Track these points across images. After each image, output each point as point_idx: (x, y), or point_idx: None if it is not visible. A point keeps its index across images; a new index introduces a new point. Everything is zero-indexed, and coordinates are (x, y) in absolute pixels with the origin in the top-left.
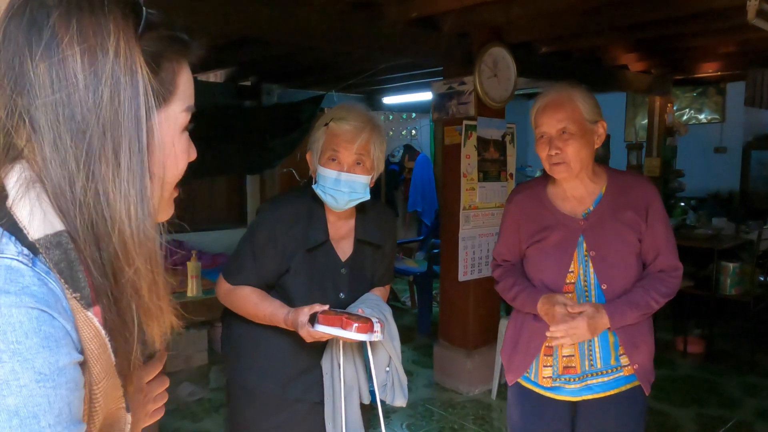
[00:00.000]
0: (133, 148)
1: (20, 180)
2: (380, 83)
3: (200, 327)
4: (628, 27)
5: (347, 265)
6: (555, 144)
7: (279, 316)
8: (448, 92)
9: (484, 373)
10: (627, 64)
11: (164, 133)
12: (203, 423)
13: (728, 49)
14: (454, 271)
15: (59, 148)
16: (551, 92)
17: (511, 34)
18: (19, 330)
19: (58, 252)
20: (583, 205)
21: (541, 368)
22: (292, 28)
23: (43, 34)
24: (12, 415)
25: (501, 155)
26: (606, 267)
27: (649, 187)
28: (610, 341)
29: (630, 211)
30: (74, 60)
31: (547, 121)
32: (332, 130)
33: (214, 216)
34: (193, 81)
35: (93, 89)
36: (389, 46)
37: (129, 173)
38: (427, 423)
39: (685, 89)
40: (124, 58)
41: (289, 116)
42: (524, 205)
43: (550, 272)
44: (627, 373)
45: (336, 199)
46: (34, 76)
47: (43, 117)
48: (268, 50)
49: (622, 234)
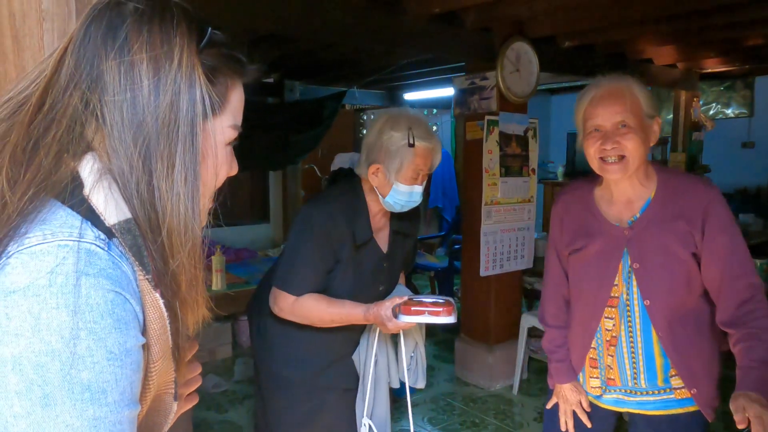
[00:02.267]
0: (187, 151)
1: (93, 170)
2: (401, 79)
3: (224, 320)
4: (653, 20)
5: (387, 258)
6: (612, 138)
7: (357, 315)
8: (470, 87)
9: (506, 368)
10: (652, 57)
11: (211, 143)
12: (228, 414)
13: (756, 42)
14: (476, 266)
15: (122, 142)
16: (605, 82)
17: (534, 29)
18: (96, 311)
19: (130, 237)
20: (630, 211)
21: (589, 378)
22: (315, 25)
23: (117, 37)
24: (85, 388)
25: (523, 150)
26: (650, 282)
27: (705, 191)
28: (657, 363)
29: (680, 220)
30: (141, 65)
31: (603, 113)
32: (420, 151)
33: (237, 211)
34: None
35: (155, 94)
36: (411, 41)
37: (181, 174)
38: (449, 417)
39: (712, 83)
40: (185, 69)
41: (311, 112)
42: (570, 205)
43: (593, 285)
44: (680, 396)
45: (404, 207)
46: (107, 75)
47: (111, 113)
48: (290, 47)
49: (669, 246)
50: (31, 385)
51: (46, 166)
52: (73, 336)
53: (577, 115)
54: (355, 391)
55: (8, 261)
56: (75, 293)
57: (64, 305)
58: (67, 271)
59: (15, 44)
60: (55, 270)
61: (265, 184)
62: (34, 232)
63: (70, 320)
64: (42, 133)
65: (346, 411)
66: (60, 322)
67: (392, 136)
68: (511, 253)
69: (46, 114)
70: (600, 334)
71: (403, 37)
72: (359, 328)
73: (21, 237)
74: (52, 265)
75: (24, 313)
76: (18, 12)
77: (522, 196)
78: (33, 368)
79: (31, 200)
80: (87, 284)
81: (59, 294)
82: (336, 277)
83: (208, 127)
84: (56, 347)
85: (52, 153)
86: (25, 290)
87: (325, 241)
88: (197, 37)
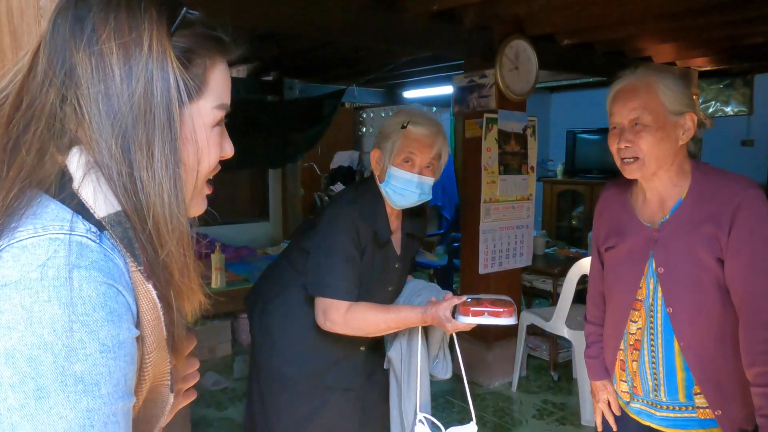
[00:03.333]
0: (165, 139)
1: (80, 163)
2: (401, 77)
3: (224, 318)
4: (652, 18)
5: (400, 259)
6: (626, 136)
7: (415, 318)
8: (469, 85)
9: (505, 366)
10: (651, 55)
11: (194, 126)
12: (228, 411)
13: (755, 40)
14: (475, 263)
15: (101, 134)
16: (628, 77)
17: (533, 27)
18: (88, 303)
19: (120, 229)
20: (662, 212)
21: (619, 381)
22: (315, 23)
23: (85, 28)
24: (78, 380)
25: (522, 148)
26: (674, 288)
27: (739, 191)
28: (678, 377)
29: (709, 223)
30: (111, 54)
31: (619, 110)
32: (410, 133)
33: (236, 209)
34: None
35: (128, 82)
36: (410, 39)
37: (161, 163)
38: (448, 414)
39: (711, 81)
40: (156, 54)
41: (310, 110)
42: (610, 202)
43: (621, 286)
44: (703, 416)
45: (405, 197)
46: (79, 67)
47: (86, 105)
48: (289, 45)
49: (695, 251)
50: (25, 378)
51: (29, 163)
52: (65, 329)
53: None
54: (355, 391)
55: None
56: (67, 286)
57: (56, 298)
58: (59, 264)
59: (13, 41)
60: (47, 263)
61: (265, 182)
62: (25, 226)
63: (63, 313)
64: (21, 130)
65: (346, 411)
66: (52, 315)
67: (391, 122)
68: (509, 250)
69: (24, 112)
70: (626, 337)
71: (403, 36)
72: None
73: (11, 231)
74: (43, 258)
75: (16, 306)
76: (16, 9)
77: (521, 193)
78: (26, 361)
79: (17, 197)
80: (79, 277)
81: (51, 287)
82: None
83: (186, 112)
84: (49, 340)
85: (33, 150)
86: (17, 284)
87: (356, 243)
88: (168, 20)
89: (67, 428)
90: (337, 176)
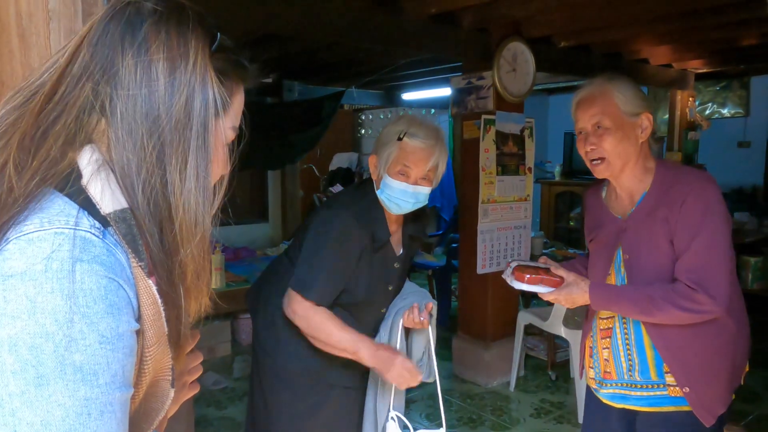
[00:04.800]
0: (199, 148)
1: (91, 160)
2: (399, 79)
3: (224, 319)
4: (649, 20)
5: (399, 260)
6: (590, 140)
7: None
8: (467, 87)
9: (503, 365)
10: (648, 57)
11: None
12: (228, 411)
13: (751, 42)
14: (473, 264)
15: (133, 135)
16: (586, 86)
17: (530, 29)
18: (89, 296)
19: (124, 225)
20: (631, 204)
21: (588, 369)
22: (314, 25)
23: (137, 36)
24: (77, 369)
25: (520, 149)
26: (636, 272)
27: (694, 181)
28: (648, 355)
29: (664, 207)
30: (159, 64)
31: (582, 116)
32: (406, 146)
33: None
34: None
35: (171, 92)
36: (409, 41)
37: (194, 168)
38: (446, 413)
39: (707, 83)
40: (200, 70)
41: (309, 112)
42: (588, 201)
43: (596, 272)
44: (674, 393)
45: (400, 206)
46: (123, 70)
47: (123, 105)
48: (289, 47)
49: (656, 238)
50: (26, 365)
51: (53, 154)
52: (67, 319)
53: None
54: (357, 390)
55: (7, 247)
56: (70, 278)
57: (59, 290)
58: (63, 258)
59: (22, 43)
60: (51, 256)
61: (264, 183)
62: (32, 220)
63: (65, 304)
64: (51, 122)
65: (346, 408)
66: (54, 305)
67: (389, 129)
68: (507, 251)
69: (57, 103)
70: (596, 324)
71: (401, 38)
72: (373, 322)
73: (20, 224)
74: (48, 251)
75: (21, 296)
76: (25, 12)
77: (518, 194)
78: (28, 349)
79: (38, 186)
80: (81, 270)
81: (54, 279)
82: (351, 277)
83: (219, 126)
84: (50, 330)
85: (60, 141)
86: (23, 275)
87: (346, 249)
88: (210, 40)
89: (65, 415)
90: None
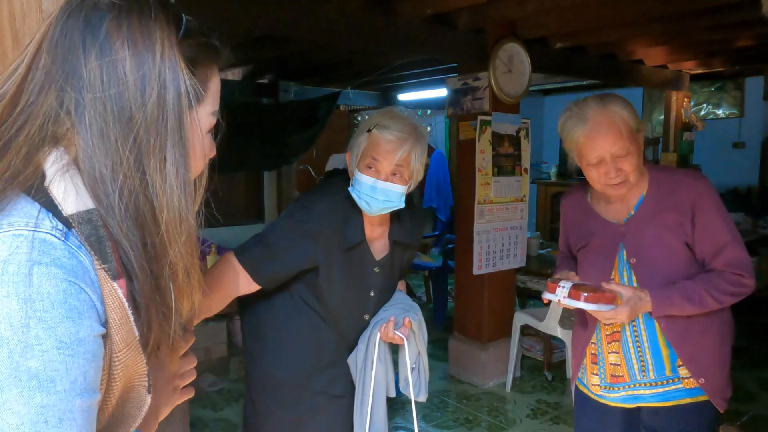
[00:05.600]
0: (176, 143)
1: (57, 163)
2: (395, 80)
3: (219, 320)
4: (644, 21)
5: (380, 264)
6: (615, 166)
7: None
8: (463, 88)
9: (499, 366)
10: (643, 58)
11: (194, 132)
12: (224, 412)
13: (746, 43)
14: (469, 264)
15: (105, 140)
16: (592, 115)
17: (526, 30)
18: (47, 300)
19: (89, 227)
20: (626, 209)
21: (590, 375)
22: (310, 26)
23: (97, 35)
24: (32, 376)
25: (515, 150)
26: (647, 275)
27: (695, 183)
28: (663, 353)
29: (673, 213)
30: (125, 62)
31: (600, 146)
32: (374, 138)
33: (232, 212)
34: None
35: (142, 88)
36: (405, 42)
37: (173, 165)
38: (442, 414)
39: (702, 84)
40: (168, 61)
41: (305, 113)
42: (569, 210)
43: (593, 279)
44: (689, 385)
45: (370, 205)
46: (86, 72)
47: (91, 110)
48: (284, 48)
49: (664, 239)
50: None
51: (16, 164)
52: (22, 324)
53: (568, 145)
54: (346, 398)
55: None
56: (26, 282)
57: (15, 294)
58: (20, 261)
59: (15, 44)
60: (8, 259)
61: (260, 184)
62: None
63: (20, 309)
64: (15, 133)
65: (336, 419)
66: (10, 310)
67: (364, 124)
68: (503, 251)
69: (19, 114)
70: (600, 330)
71: (397, 39)
72: (356, 330)
73: None
74: (5, 254)
75: None
76: (18, 12)
77: (514, 195)
78: None
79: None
80: (39, 273)
81: (10, 283)
82: (323, 276)
83: (194, 117)
84: (5, 335)
85: (23, 152)
86: None
87: (299, 239)
88: (176, 28)
89: (19, 423)
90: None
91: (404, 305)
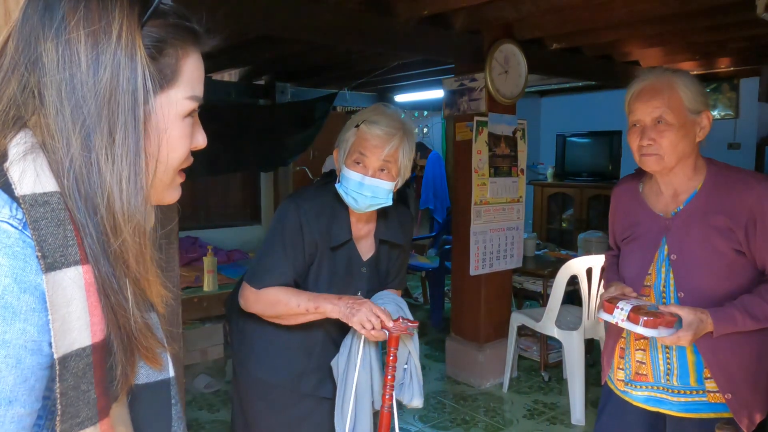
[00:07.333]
0: (128, 127)
1: (19, 145)
2: (392, 81)
3: (216, 321)
4: (639, 22)
5: (367, 264)
6: (648, 134)
7: (330, 307)
8: (459, 89)
9: (496, 367)
10: (639, 59)
11: (163, 117)
12: (220, 413)
13: (740, 45)
14: (466, 265)
15: (60, 120)
16: (649, 76)
17: (522, 31)
18: None
19: (42, 210)
20: (675, 203)
21: (616, 369)
22: (306, 27)
23: (55, 16)
24: None
25: (512, 151)
26: (686, 274)
27: (756, 186)
28: (689, 360)
29: (724, 216)
30: (79, 42)
31: (642, 107)
32: (362, 133)
33: (228, 212)
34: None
35: (94, 71)
36: (401, 43)
37: (122, 149)
38: (439, 415)
39: None
40: (125, 43)
41: (302, 114)
42: (621, 198)
43: (631, 271)
44: (713, 399)
45: (357, 201)
46: (45, 54)
47: (49, 92)
48: (281, 49)
49: (711, 240)
50: None
51: None
52: None
53: (625, 108)
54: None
55: None
56: None
57: None
58: None
59: None
60: None
61: (257, 185)
62: None
63: None
64: None
65: (324, 421)
66: None
67: (352, 120)
68: (500, 252)
69: None
70: None
71: (394, 40)
72: (343, 331)
73: None
74: None
75: None
76: (14, 10)
77: (511, 196)
78: None
79: None
80: None
81: None
82: (311, 274)
83: (156, 102)
84: None
85: None
86: None
87: (297, 238)
88: (139, 9)
89: None
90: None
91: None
